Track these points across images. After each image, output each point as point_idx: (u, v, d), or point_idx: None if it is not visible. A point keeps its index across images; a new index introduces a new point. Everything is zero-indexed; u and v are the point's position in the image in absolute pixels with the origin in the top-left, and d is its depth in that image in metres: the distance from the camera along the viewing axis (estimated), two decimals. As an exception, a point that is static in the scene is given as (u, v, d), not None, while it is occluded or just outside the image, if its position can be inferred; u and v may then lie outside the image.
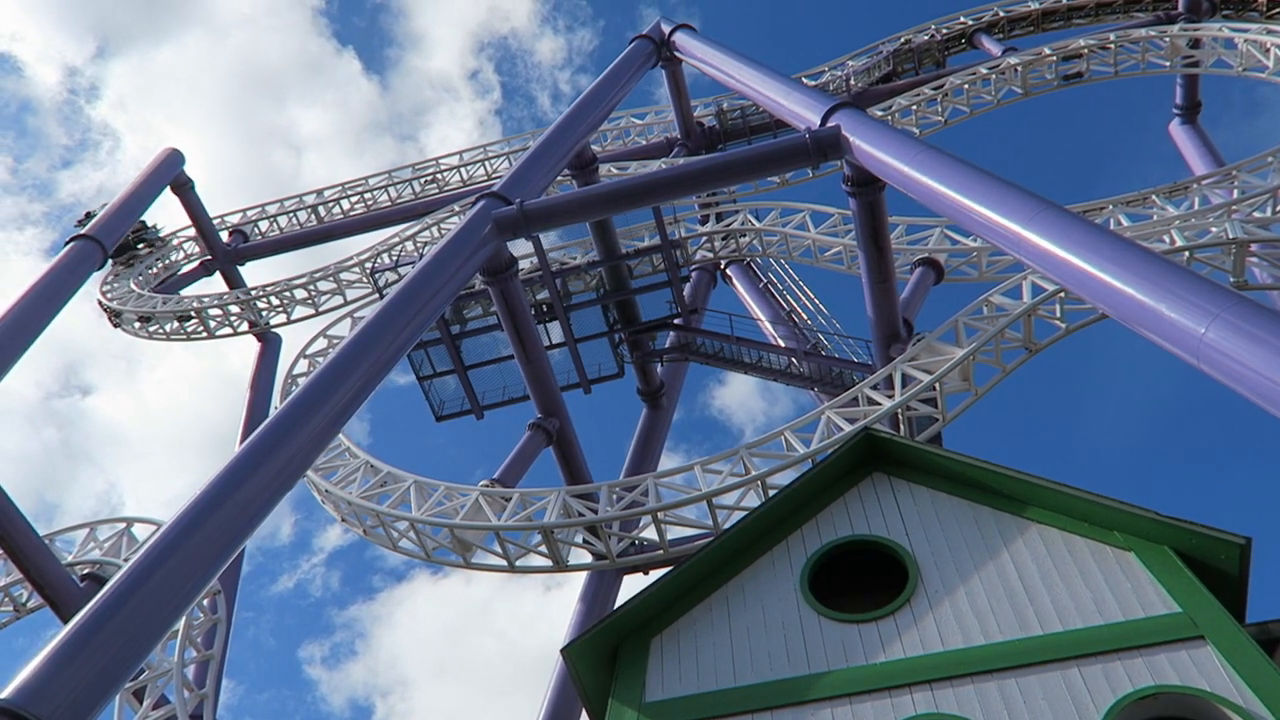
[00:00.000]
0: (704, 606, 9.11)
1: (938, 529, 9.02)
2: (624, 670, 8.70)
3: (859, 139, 17.76)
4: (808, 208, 24.88)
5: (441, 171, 38.06)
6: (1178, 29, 29.50)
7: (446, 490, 19.93)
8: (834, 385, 23.55)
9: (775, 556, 9.33)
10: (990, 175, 14.88)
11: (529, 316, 21.62)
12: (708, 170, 22.33)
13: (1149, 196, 22.45)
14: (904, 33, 36.82)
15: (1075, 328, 18.67)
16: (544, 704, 22.21)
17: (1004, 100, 30.16)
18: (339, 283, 31.03)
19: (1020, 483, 8.93)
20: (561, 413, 23.05)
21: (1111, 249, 12.60)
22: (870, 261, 19.79)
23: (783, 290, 30.65)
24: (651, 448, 28.29)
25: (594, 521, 18.47)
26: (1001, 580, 8.44)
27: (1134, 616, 7.85)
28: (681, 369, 29.29)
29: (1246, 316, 11.09)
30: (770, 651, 8.47)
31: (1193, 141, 32.29)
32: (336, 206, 38.71)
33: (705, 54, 26.08)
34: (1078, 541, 8.59)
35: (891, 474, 9.74)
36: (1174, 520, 8.19)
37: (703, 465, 18.76)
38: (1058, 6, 35.94)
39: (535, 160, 22.37)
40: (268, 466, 13.69)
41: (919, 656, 8.00)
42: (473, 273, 19.71)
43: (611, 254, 24.58)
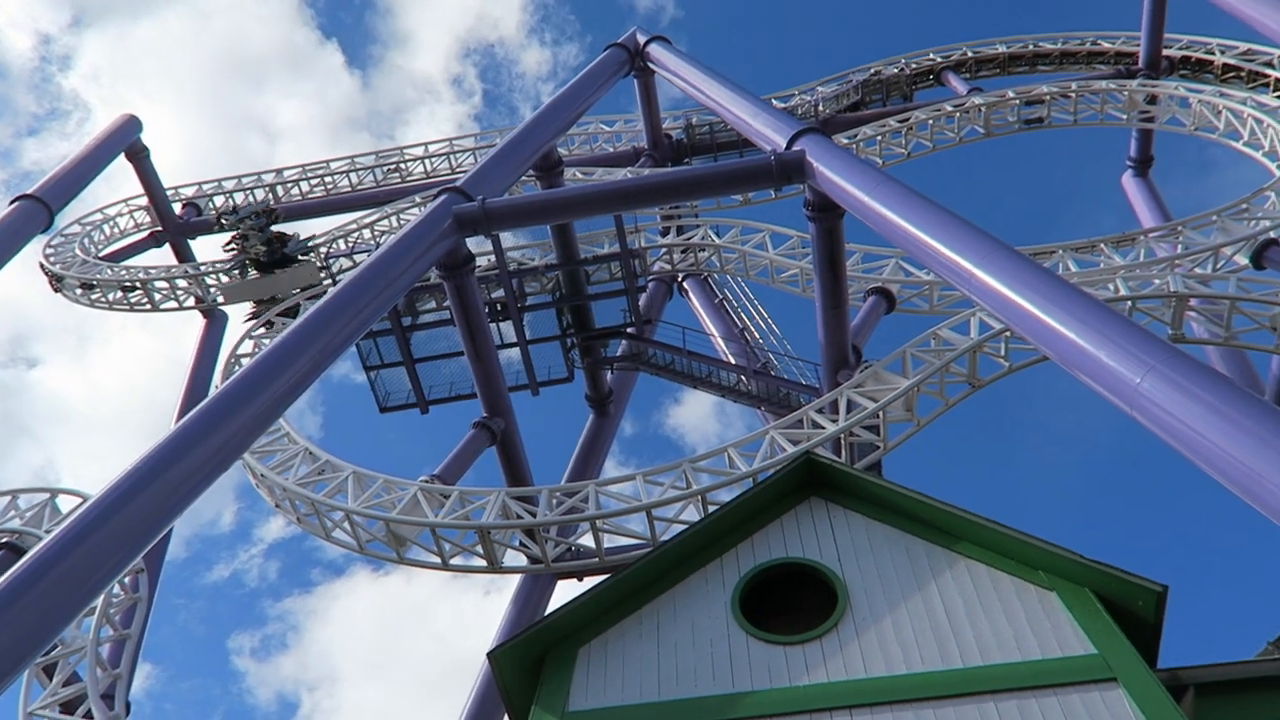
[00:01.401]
0: (634, 618, 9.13)
1: (870, 557, 9.16)
2: (549, 678, 8.69)
3: (822, 165, 18.00)
4: (768, 228, 25.11)
5: (405, 161, 37.75)
6: (1136, 84, 30.39)
7: (385, 483, 19.72)
8: (780, 406, 23.77)
9: (709, 573, 9.39)
10: (946, 211, 15.18)
11: (482, 314, 21.51)
12: (672, 183, 22.44)
13: (1098, 244, 23.02)
14: (875, 64, 37.39)
15: (1018, 367, 19.09)
16: (466, 708, 22.04)
17: (966, 138, 30.78)
18: (292, 265, 30.50)
19: (952, 517, 9.10)
20: (507, 413, 22.95)
21: (1057, 293, 12.92)
22: (825, 286, 20.04)
23: (738, 308, 30.91)
24: (595, 455, 28.27)
25: (532, 525, 18.40)
26: (928, 611, 8.58)
27: (1052, 655, 8.03)
28: (632, 378, 29.34)
29: (1180, 370, 11.45)
30: (696, 668, 8.51)
31: (1143, 194, 33.22)
32: (295, 187, 38.18)
33: (678, 67, 26.23)
34: (1004, 578, 8.77)
35: (829, 499, 9.86)
36: (1096, 564, 8.41)
37: (645, 476, 18.80)
38: (1024, 52, 36.78)
39: (501, 158, 22.30)
40: (203, 446, 13.44)
41: (842, 681, 8.10)
42: (429, 266, 19.57)
43: (570, 258, 24.56)
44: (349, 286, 17.18)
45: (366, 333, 23.23)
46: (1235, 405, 10.80)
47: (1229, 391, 11.11)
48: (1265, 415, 10.67)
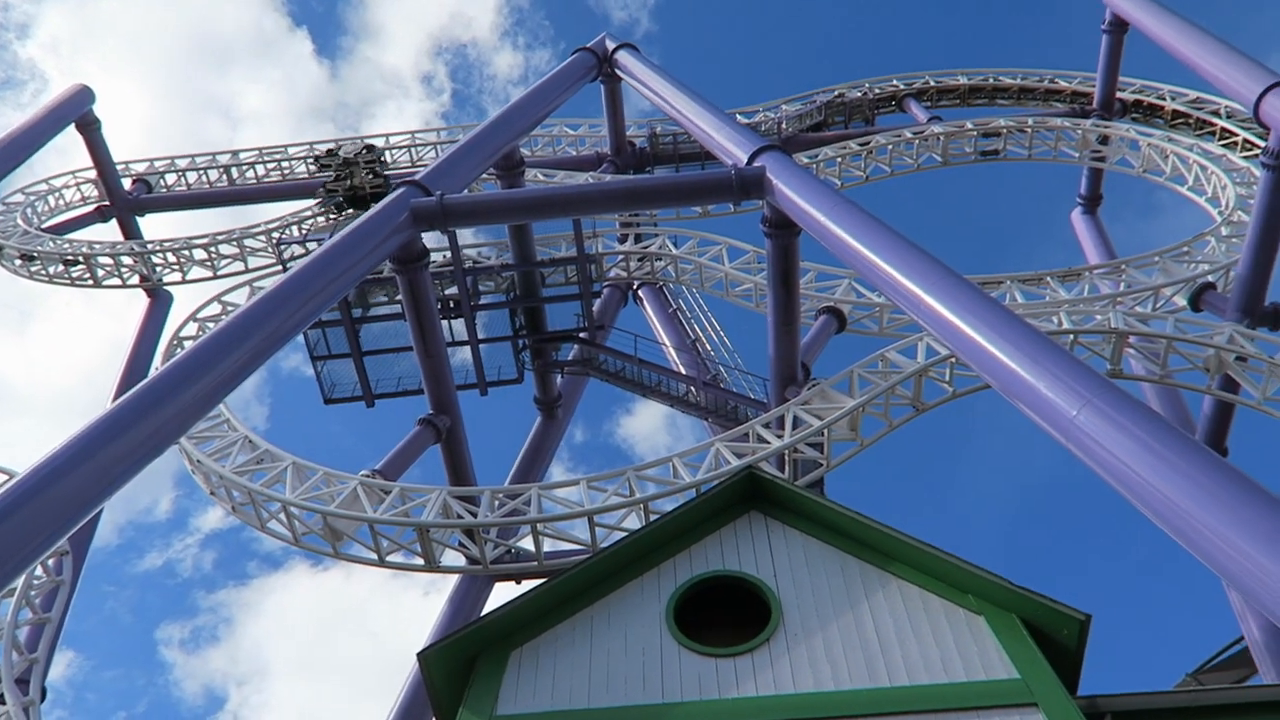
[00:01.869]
0: (568, 624, 9.11)
1: (805, 573, 9.25)
2: (479, 680, 8.62)
3: (782, 183, 18.16)
4: (725, 241, 25.27)
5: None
6: (1090, 123, 31.19)
7: (325, 476, 19.43)
8: (727, 418, 23.89)
9: (645, 582, 9.40)
10: (900, 237, 15.40)
11: (434, 310, 21.33)
12: (633, 191, 22.50)
13: (1044, 278, 23.55)
14: (839, 86, 37.87)
15: (961, 393, 19.42)
16: (394, 708, 21.79)
17: (924, 165, 31.31)
18: (242, 249, 30.02)
19: (888, 537, 9.22)
20: (454, 411, 22.76)
21: (1002, 323, 13.18)
22: (778, 302, 20.20)
23: (691, 318, 31.02)
24: (541, 458, 28.16)
25: (472, 525, 18.26)
26: (859, 629, 8.69)
27: (976, 678, 8.18)
28: (581, 383, 29.29)
29: (1116, 405, 11.74)
30: (627, 676, 8.51)
31: (1090, 232, 34.05)
32: (251, 170, 37.53)
33: (645, 76, 26.31)
34: (934, 600, 8.91)
35: (768, 514, 9.94)
36: (1023, 590, 8.59)
37: (589, 482, 18.77)
38: (984, 85, 37.53)
39: (462, 155, 22.16)
40: (138, 428, 13.14)
41: (770, 696, 8.16)
42: (383, 259, 19.36)
43: (526, 259, 24.46)
44: (300, 274, 16.93)
45: (315, 322, 22.93)
46: (1167, 443, 11.10)
47: (1162, 429, 11.41)
48: (1195, 454, 10.99)
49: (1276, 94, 20.67)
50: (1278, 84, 20.80)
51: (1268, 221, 21.64)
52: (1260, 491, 10.28)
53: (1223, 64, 22.79)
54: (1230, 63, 22.62)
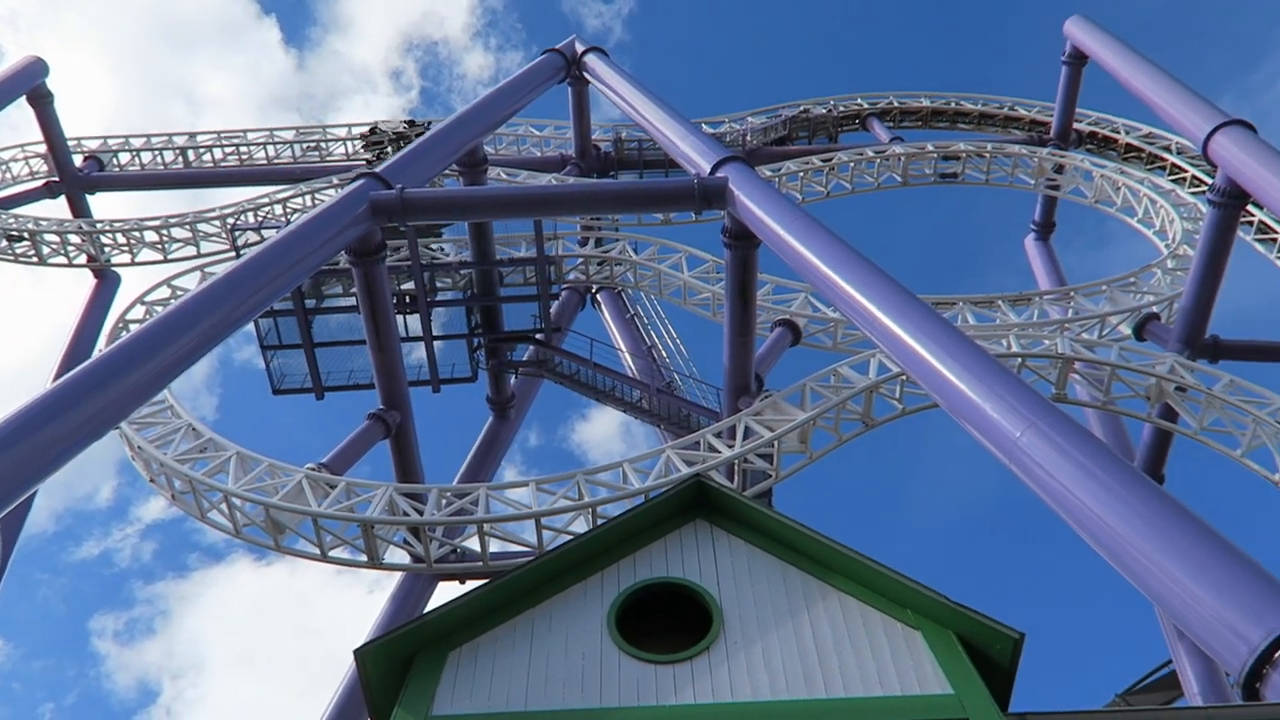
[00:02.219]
0: (509, 626, 9.03)
1: (747, 583, 9.28)
2: (415, 680, 8.51)
3: (744, 194, 18.30)
4: (685, 250, 25.37)
5: (327, 141, 36.89)
6: (1046, 152, 31.86)
7: (270, 467, 19.14)
8: (680, 426, 23.98)
9: (588, 586, 9.36)
10: (856, 254, 15.60)
11: (389, 305, 21.12)
12: (596, 195, 22.54)
13: (995, 301, 24.00)
14: (804, 102, 38.26)
15: (910, 411, 19.70)
16: (329, 707, 21.50)
17: (884, 185, 31.73)
18: (194, 233, 29.49)
19: (831, 550, 9.28)
20: (405, 407, 22.54)
21: (952, 344, 13.41)
22: (734, 313, 20.33)
23: (648, 325, 31.08)
24: (491, 458, 28.00)
25: (417, 523, 18.10)
26: (798, 640, 8.73)
27: (911, 692, 8.26)
28: (535, 384, 29.19)
29: (1058, 428, 12.00)
30: (565, 680, 8.46)
31: (1042, 258, 34.75)
32: (208, 154, 36.89)
33: (613, 81, 26.36)
34: (873, 614, 8.98)
35: (714, 522, 9.95)
36: (961, 607, 8.69)
37: (538, 484, 18.71)
38: (946, 108, 38.18)
39: (425, 149, 22.00)
40: (78, 410, 12.85)
41: (707, 704, 8.17)
42: (339, 250, 19.16)
43: (485, 257, 24.33)
44: (253, 261, 16.69)
45: (267, 311, 22.60)
46: (1106, 468, 11.37)
47: (1102, 454, 11.69)
48: (1132, 481, 11.27)
49: (1224, 133, 21.28)
50: (1226, 124, 21.42)
51: (1211, 257, 22.26)
52: (1193, 520, 10.57)
53: (1175, 101, 23.43)
54: (1182, 101, 23.26)
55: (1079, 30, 30.35)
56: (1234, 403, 19.01)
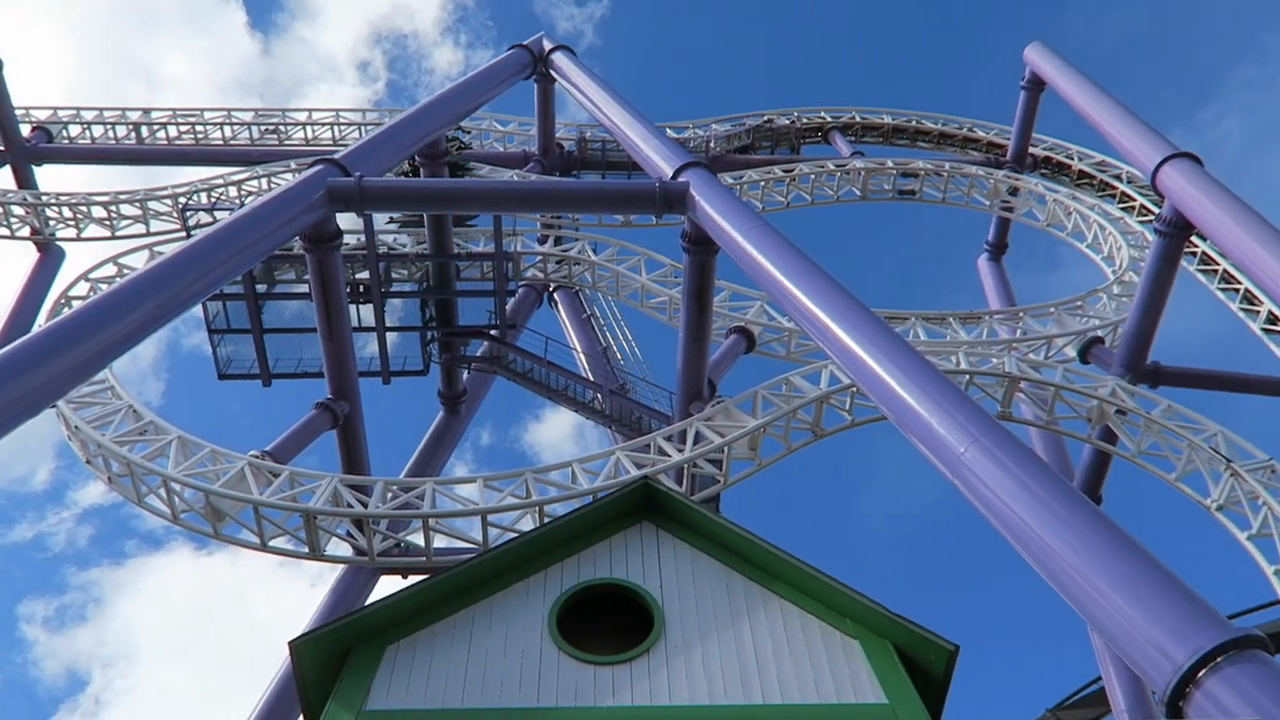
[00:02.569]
0: (448, 622, 8.96)
1: (690, 587, 9.31)
2: (351, 673, 8.40)
3: (704, 200, 18.37)
4: (644, 253, 25.40)
5: (285, 124, 36.32)
6: (1002, 174, 32.45)
7: (212, 453, 18.77)
8: (631, 428, 24.00)
9: (531, 585, 9.32)
10: (813, 264, 15.74)
11: (342, 293, 20.84)
12: (557, 194, 22.48)
13: (947, 318, 24.37)
14: (769, 112, 38.56)
15: (859, 422, 19.92)
16: (262, 699, 21.15)
17: (843, 198, 32.07)
18: (144, 210, 28.81)
19: (774, 557, 9.35)
20: (354, 398, 22.26)
21: (902, 357, 13.57)
22: (690, 318, 20.40)
23: (604, 326, 31.09)
24: (439, 453, 27.79)
25: (361, 515, 17.87)
26: (738, 646, 8.78)
27: (847, 700, 8.35)
28: (488, 380, 29.02)
29: (1001, 445, 12.20)
30: (504, 679, 8.42)
31: (994, 278, 35.37)
32: (162, 131, 36.10)
33: (579, 80, 26.32)
34: (813, 622, 9.07)
35: (660, 525, 9.97)
36: (898, 618, 8.81)
37: (485, 480, 18.59)
38: (907, 126, 38.72)
39: (386, 138, 21.78)
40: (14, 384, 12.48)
41: (645, 706, 8.18)
42: (293, 235, 18.88)
43: (442, 250, 24.15)
44: (204, 241, 16.38)
45: (216, 294, 22.20)
46: (1045, 486, 11.59)
47: (1042, 472, 11.91)
48: (1070, 499, 11.50)
49: (1172, 165, 21.83)
50: (1174, 156, 21.98)
51: (1155, 284, 22.82)
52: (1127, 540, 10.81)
53: (1127, 131, 24.00)
54: (1134, 131, 23.83)
55: (1038, 57, 30.96)
56: (1171, 428, 19.52)
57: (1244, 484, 18.49)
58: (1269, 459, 18.90)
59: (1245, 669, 8.93)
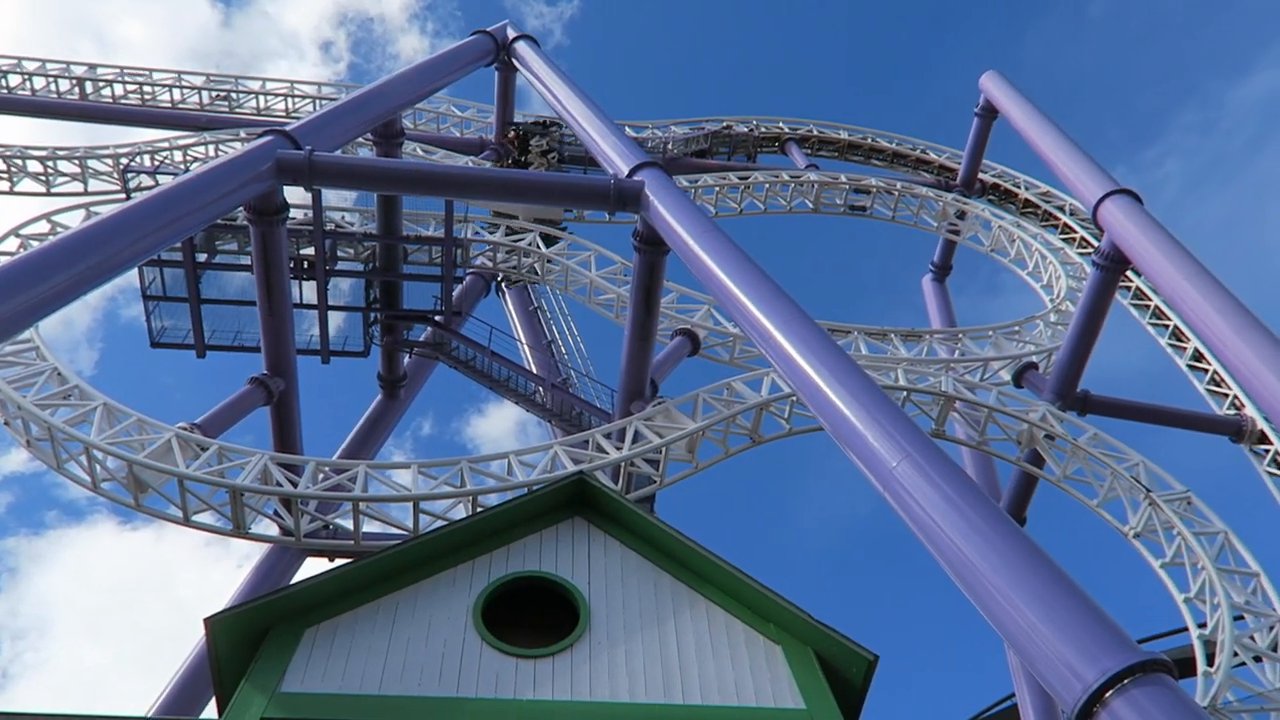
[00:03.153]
0: (371, 608, 8.85)
1: (618, 584, 9.33)
2: (267, 654, 8.25)
3: (658, 201, 18.39)
4: (596, 249, 25.36)
5: (238, 92, 35.48)
6: (951, 197, 33.06)
7: (138, 422, 18.25)
8: (571, 424, 23.92)
9: (458, 574, 9.26)
10: (761, 273, 15.85)
11: (285, 268, 20.45)
12: (512, 183, 22.32)
13: (889, 334, 24.75)
14: (728, 118, 38.77)
15: (797, 431, 20.12)
16: (175, 677, 20.63)
17: (795, 209, 32.38)
18: (83, 168, 27.97)
19: (704, 560, 9.42)
20: (290, 375, 21.84)
21: (842, 370, 13.73)
22: (637, 317, 20.41)
23: (550, 319, 30.98)
24: (375, 437, 27.38)
25: (290, 495, 17.53)
26: (662, 646, 8.83)
27: (765, 704, 8.45)
28: (429, 366, 28.66)
29: (934, 462, 12.40)
30: (424, 667, 8.35)
31: (937, 299, 36.02)
32: (108, 89, 35.01)
33: (540, 71, 26.16)
34: (738, 625, 9.16)
35: (592, 522, 9.98)
36: (821, 625, 8.94)
37: (420, 467, 18.37)
38: (862, 143, 39.23)
39: (341, 114, 21.44)
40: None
41: (565, 701, 8.18)
42: (238, 204, 18.50)
43: (391, 232, 23.80)
44: (145, 204, 15.94)
45: (154, 259, 21.62)
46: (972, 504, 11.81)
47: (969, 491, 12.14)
48: (995, 519, 11.73)
49: (1113, 201, 22.45)
50: (1115, 192, 22.60)
51: (1090, 315, 23.46)
52: (1046, 561, 11.07)
53: (1073, 165, 24.63)
54: (1079, 165, 24.46)
55: (993, 85, 31.62)
56: (1096, 455, 20.07)
57: (1161, 513, 19.08)
58: (1186, 490, 19.54)
59: (1150, 692, 9.21)
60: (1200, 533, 18.67)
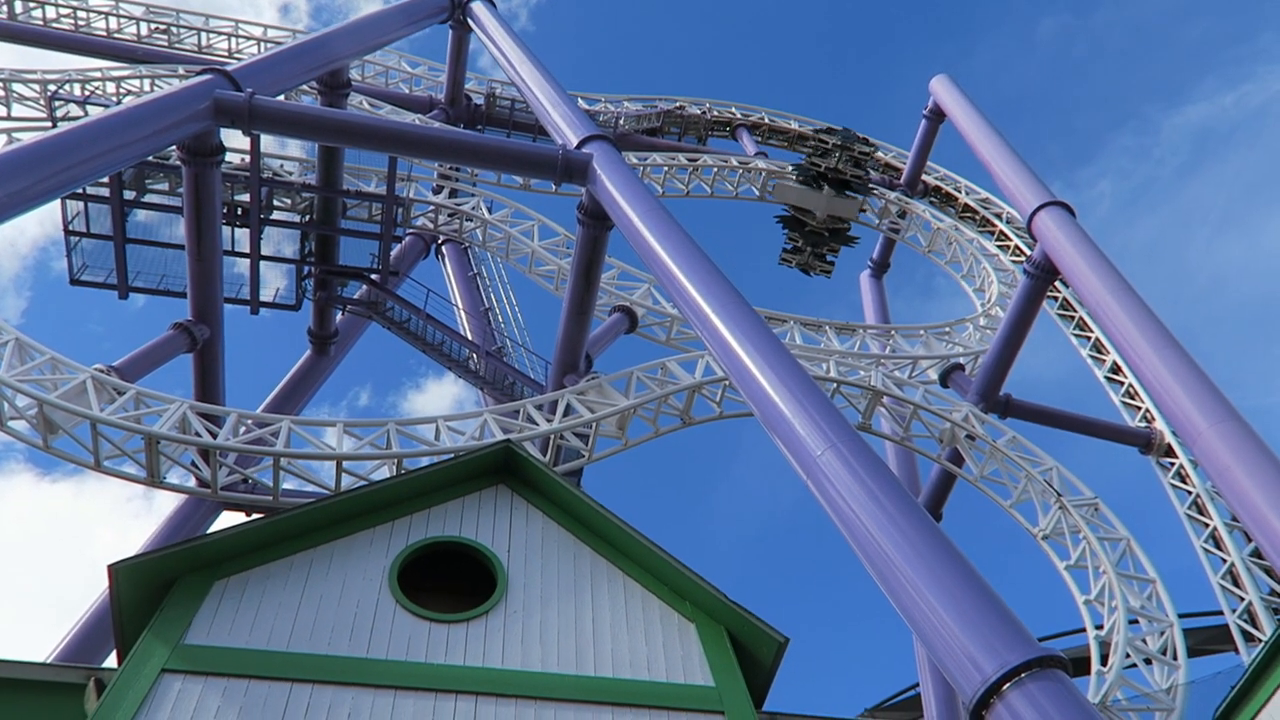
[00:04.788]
0: (284, 563, 8.70)
1: (538, 554, 9.33)
2: (172, 605, 8.06)
3: (605, 175, 18.29)
4: (540, 219, 25.14)
5: (179, 26, 34.18)
6: (894, 196, 33.52)
7: (52, 360, 17.58)
8: (503, 393, 23.77)
9: (375, 535, 9.15)
10: (703, 256, 15.90)
11: (217, 213, 19.82)
12: (459, 145, 21.93)
13: (824, 326, 25.08)
14: (681, 99, 38.67)
15: (728, 415, 20.30)
16: (76, 626, 20.05)
17: (742, 195, 32.50)
18: (7, 92, 26.68)
19: (624, 535, 9.47)
20: (216, 323, 21.24)
21: (775, 358, 13.87)
22: (576, 291, 20.32)
23: (489, 286, 30.67)
24: (301, 393, 26.88)
25: (209, 445, 17.09)
26: (578, 617, 8.87)
27: (676, 680, 8.54)
28: (361, 324, 28.19)
29: (857, 454, 12.61)
30: (335, 626, 8.25)
31: (873, 295, 36.57)
32: (39, 10, 33.43)
33: (495, 34, 25.75)
34: (654, 601, 9.24)
35: (516, 491, 9.95)
36: (736, 606, 9.07)
37: (346, 426, 18.06)
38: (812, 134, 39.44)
39: (286, 58, 20.84)
40: None
41: (477, 668, 8.16)
42: (172, 142, 17.85)
43: (331, 185, 23.26)
44: (73, 132, 15.31)
45: (78, 193, 20.81)
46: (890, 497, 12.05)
47: (890, 484, 12.38)
48: (912, 512, 12.00)
49: (1048, 212, 23.01)
50: (1050, 203, 23.17)
51: (1017, 322, 24.07)
52: (957, 557, 11.37)
53: (1012, 174, 25.16)
54: (1018, 175, 25.00)
55: (942, 89, 32.07)
56: (1013, 457, 20.67)
57: (1069, 517, 19.75)
58: (1094, 497, 20.25)
59: (1044, 686, 9.54)
60: (1104, 538, 19.38)
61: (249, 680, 7.60)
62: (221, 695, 7.42)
